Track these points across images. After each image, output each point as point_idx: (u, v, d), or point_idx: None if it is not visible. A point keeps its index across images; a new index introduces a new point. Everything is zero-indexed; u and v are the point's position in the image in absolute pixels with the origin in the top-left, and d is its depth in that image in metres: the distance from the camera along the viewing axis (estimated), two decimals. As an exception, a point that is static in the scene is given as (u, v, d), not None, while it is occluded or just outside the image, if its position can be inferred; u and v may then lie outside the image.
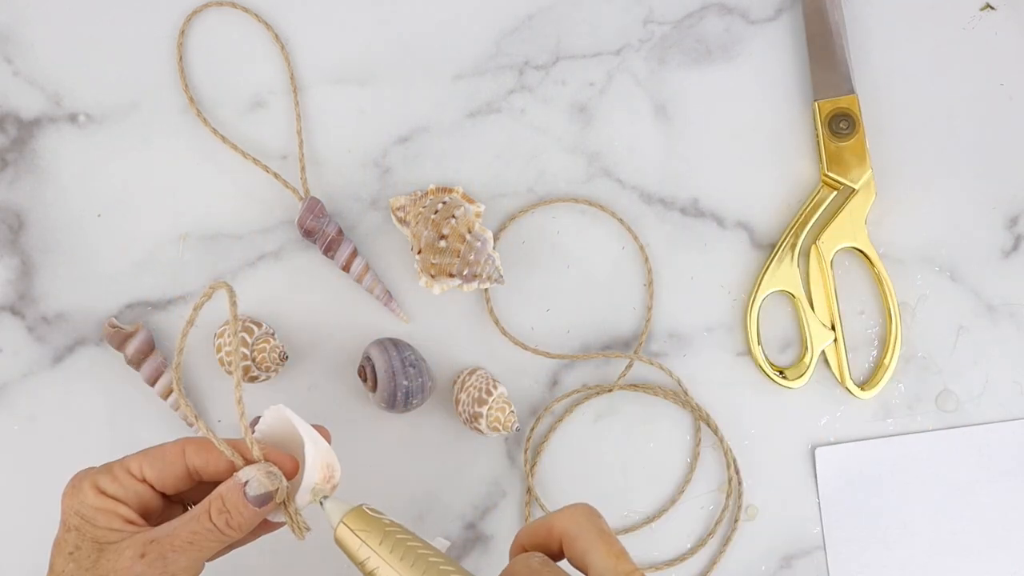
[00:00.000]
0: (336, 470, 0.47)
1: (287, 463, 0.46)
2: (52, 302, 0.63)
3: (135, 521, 0.45)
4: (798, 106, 0.65)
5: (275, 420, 0.47)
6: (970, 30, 0.65)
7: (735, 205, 0.64)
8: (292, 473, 0.46)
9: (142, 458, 0.46)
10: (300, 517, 0.46)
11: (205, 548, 0.44)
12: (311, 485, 0.45)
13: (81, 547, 0.44)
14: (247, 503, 0.44)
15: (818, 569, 0.63)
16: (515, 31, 0.65)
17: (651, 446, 0.64)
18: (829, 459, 0.63)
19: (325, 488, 0.46)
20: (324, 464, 0.46)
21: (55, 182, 0.64)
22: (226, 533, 0.44)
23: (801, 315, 0.63)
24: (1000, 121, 0.65)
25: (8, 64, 0.64)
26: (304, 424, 0.46)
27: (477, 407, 0.60)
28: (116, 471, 0.45)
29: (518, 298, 0.64)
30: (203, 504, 0.45)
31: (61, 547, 0.45)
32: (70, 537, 0.45)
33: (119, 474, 0.45)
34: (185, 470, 0.46)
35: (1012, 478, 0.63)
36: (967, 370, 0.64)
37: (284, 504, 0.46)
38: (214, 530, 0.44)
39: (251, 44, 0.65)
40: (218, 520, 0.44)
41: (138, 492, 0.45)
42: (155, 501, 0.46)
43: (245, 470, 0.45)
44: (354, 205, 0.64)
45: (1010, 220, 0.64)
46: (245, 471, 0.45)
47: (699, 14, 0.65)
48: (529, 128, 0.65)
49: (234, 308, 0.46)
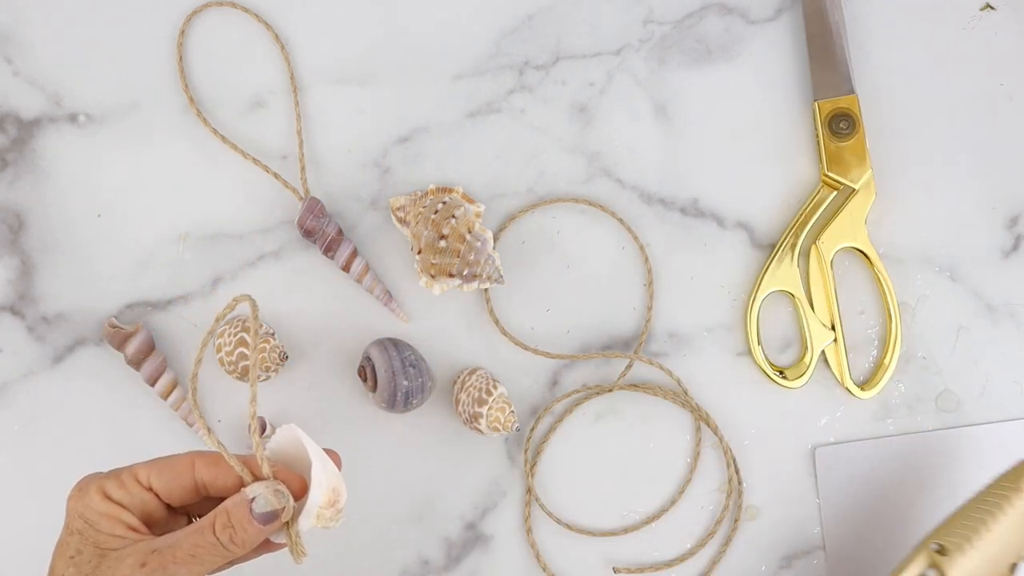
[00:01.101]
0: (342, 496, 0.46)
1: (296, 483, 0.45)
2: (52, 302, 0.63)
3: (138, 529, 0.45)
4: (798, 106, 0.65)
5: (286, 439, 0.46)
6: (970, 30, 0.65)
7: (735, 205, 0.64)
8: (300, 494, 0.45)
9: (151, 467, 0.46)
10: (300, 540, 0.45)
11: (206, 562, 0.44)
12: (315, 508, 0.45)
13: (83, 551, 0.44)
14: (252, 520, 0.44)
15: (818, 569, 0.63)
16: (515, 31, 0.65)
17: (651, 446, 0.64)
18: (829, 459, 0.63)
19: (327, 512, 0.45)
20: (330, 488, 0.45)
21: (55, 182, 0.64)
22: (229, 549, 0.44)
23: (801, 315, 0.63)
24: (1000, 121, 0.65)
25: (8, 64, 0.64)
26: (315, 446, 0.45)
27: (477, 407, 0.60)
28: (124, 477, 0.45)
29: (518, 298, 0.64)
30: (208, 517, 0.44)
31: (63, 550, 0.45)
32: (72, 540, 0.44)
33: (126, 481, 0.45)
34: (193, 483, 0.46)
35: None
36: (967, 370, 0.64)
37: (288, 524, 0.45)
38: (217, 544, 0.44)
39: (251, 44, 0.65)
40: (222, 535, 0.44)
41: (144, 500, 0.45)
42: (160, 511, 0.46)
43: (253, 486, 0.44)
44: (354, 205, 0.64)
45: (1010, 220, 0.64)
46: (253, 487, 0.44)
47: (699, 14, 0.65)
48: (529, 128, 0.65)
49: (255, 322, 0.45)
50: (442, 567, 0.63)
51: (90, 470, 0.61)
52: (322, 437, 0.60)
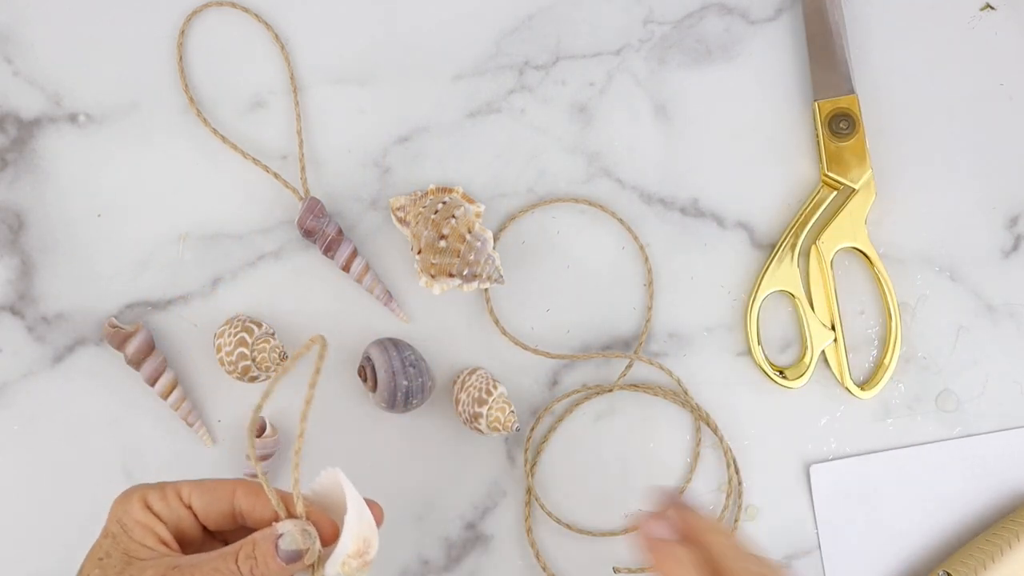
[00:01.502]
0: (372, 547, 0.45)
1: (327, 527, 0.45)
2: (52, 302, 0.63)
3: (169, 543, 0.45)
4: (798, 106, 0.65)
5: (329, 483, 0.46)
6: (970, 30, 0.65)
7: (735, 205, 0.64)
8: (330, 539, 0.45)
9: (193, 486, 0.46)
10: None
11: None
12: (343, 555, 0.44)
13: (111, 555, 0.44)
14: (275, 556, 0.43)
15: (818, 569, 0.63)
16: (515, 31, 0.65)
17: (651, 446, 0.64)
18: (823, 475, 0.63)
19: (354, 562, 0.44)
20: (362, 538, 0.44)
21: (55, 182, 0.64)
22: None
23: (801, 315, 0.63)
24: (1000, 121, 0.65)
25: (8, 64, 0.64)
26: (354, 492, 0.45)
27: (477, 407, 0.60)
28: (167, 491, 0.46)
29: (518, 298, 0.64)
30: (234, 546, 0.44)
31: (95, 551, 0.45)
32: (104, 543, 0.45)
33: (168, 495, 0.46)
34: (231, 509, 0.46)
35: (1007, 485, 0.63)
36: (967, 370, 0.64)
37: (312, 568, 0.44)
38: (236, 573, 0.44)
39: (251, 44, 0.65)
40: (243, 565, 0.44)
41: (180, 517, 0.46)
42: (194, 530, 0.46)
43: (284, 523, 0.44)
44: (354, 205, 0.64)
45: (1010, 220, 0.64)
46: (283, 524, 0.44)
47: (699, 14, 0.65)
48: (529, 128, 0.65)
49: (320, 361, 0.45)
50: (442, 567, 0.63)
51: (90, 470, 0.62)
52: (322, 437, 0.60)
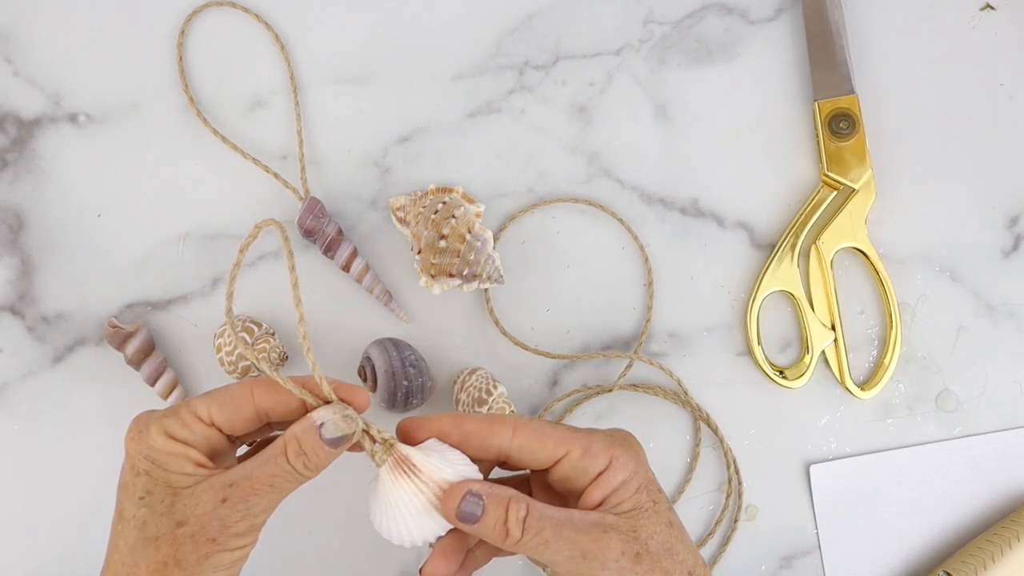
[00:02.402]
0: None
1: (360, 399, 0.45)
2: (52, 302, 0.63)
3: (205, 464, 0.45)
4: (798, 106, 0.65)
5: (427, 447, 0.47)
6: (970, 30, 0.65)
7: (735, 205, 0.64)
8: (363, 407, 0.45)
9: (209, 401, 0.45)
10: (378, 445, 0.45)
11: (284, 489, 0.45)
12: None
13: (153, 492, 0.44)
14: (324, 446, 0.44)
15: (818, 569, 0.63)
16: (515, 31, 0.65)
17: (651, 446, 0.64)
18: (823, 475, 0.63)
19: None
20: None
21: (55, 182, 0.64)
22: (304, 475, 0.45)
23: (801, 315, 0.63)
24: (1000, 121, 0.65)
25: (8, 64, 0.64)
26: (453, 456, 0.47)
27: (477, 407, 0.60)
28: (184, 415, 0.45)
29: (518, 298, 0.64)
30: (277, 446, 0.44)
31: (130, 492, 0.44)
32: (140, 482, 0.44)
33: (187, 419, 0.45)
34: (255, 412, 0.45)
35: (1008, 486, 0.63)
36: (967, 370, 0.64)
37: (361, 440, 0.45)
38: (292, 472, 0.44)
39: (251, 44, 0.65)
40: (296, 463, 0.44)
41: (207, 436, 0.45)
42: (223, 444, 0.46)
43: (319, 412, 0.44)
44: (354, 205, 0.64)
45: (1010, 220, 0.64)
46: (320, 413, 0.44)
47: (699, 14, 0.65)
48: (529, 128, 0.65)
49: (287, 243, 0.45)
50: (442, 567, 0.63)
51: (90, 470, 0.62)
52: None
